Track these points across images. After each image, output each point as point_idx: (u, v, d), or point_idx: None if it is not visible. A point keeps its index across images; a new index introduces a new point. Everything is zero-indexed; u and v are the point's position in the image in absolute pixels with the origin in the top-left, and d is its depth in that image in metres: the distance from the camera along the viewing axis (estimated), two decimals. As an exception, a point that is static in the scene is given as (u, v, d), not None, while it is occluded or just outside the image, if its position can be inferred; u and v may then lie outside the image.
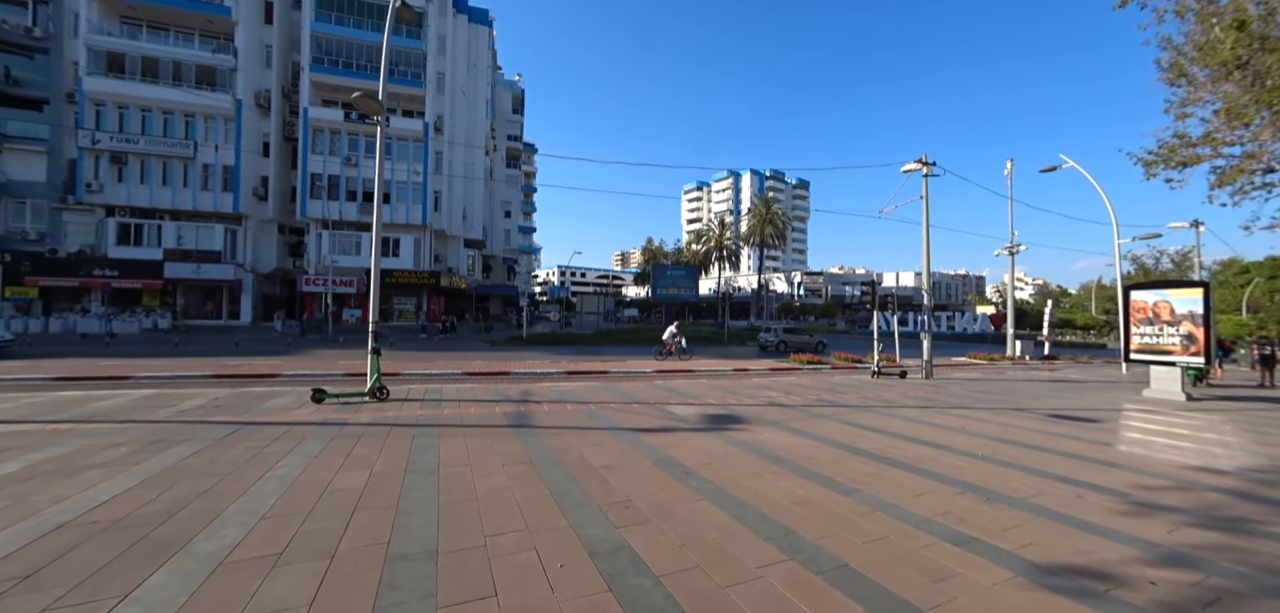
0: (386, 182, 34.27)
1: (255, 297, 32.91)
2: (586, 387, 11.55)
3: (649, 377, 14.63)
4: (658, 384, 12.25)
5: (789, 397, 10.73)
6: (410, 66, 34.72)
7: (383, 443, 5.98)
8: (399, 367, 14.63)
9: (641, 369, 15.83)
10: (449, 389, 10.50)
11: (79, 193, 29.69)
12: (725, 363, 18.68)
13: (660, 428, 7.26)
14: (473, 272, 43.35)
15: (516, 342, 27.01)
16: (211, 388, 10.20)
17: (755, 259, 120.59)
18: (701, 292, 52.29)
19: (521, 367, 15.60)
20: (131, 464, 4.93)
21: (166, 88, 30.40)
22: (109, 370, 12.60)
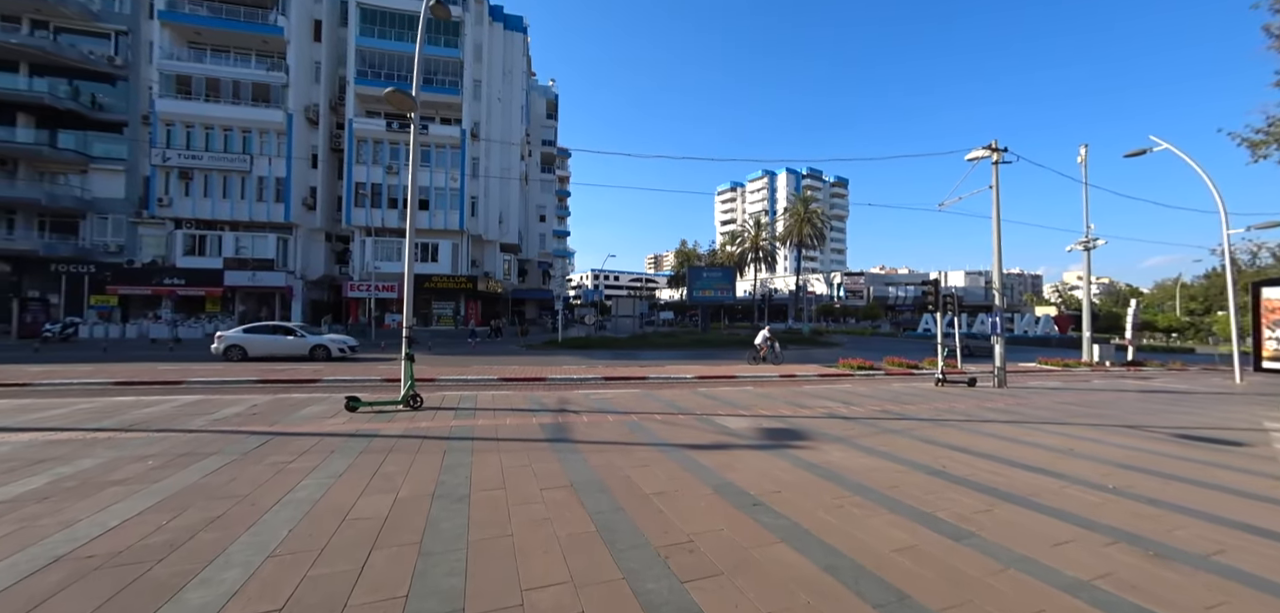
0: (425, 188, 35.05)
1: (305, 303, 34.28)
2: (626, 395, 10.89)
3: (690, 384, 13.83)
4: (702, 393, 11.44)
5: (849, 407, 9.69)
6: (448, 75, 35.39)
7: (412, 460, 5.50)
8: (436, 372, 14.47)
9: (681, 375, 15.05)
10: (484, 397, 10.08)
11: (152, 207, 31.81)
12: (769, 369, 17.62)
13: (713, 444, 6.48)
14: (509, 276, 43.80)
15: (552, 346, 26.76)
16: (253, 394, 10.20)
17: (792, 260, 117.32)
18: (737, 294, 50.87)
19: (558, 372, 15.13)
20: (152, 482, 4.61)
21: (227, 106, 32.17)
22: (166, 375, 12.98)
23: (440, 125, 35.32)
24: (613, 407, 9.20)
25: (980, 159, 14.31)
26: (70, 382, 11.76)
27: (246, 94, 32.79)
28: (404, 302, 9.08)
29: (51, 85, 31.41)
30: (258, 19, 32.84)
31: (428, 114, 35.89)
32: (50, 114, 31.66)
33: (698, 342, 30.71)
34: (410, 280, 9.16)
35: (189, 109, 31.47)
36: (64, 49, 31.34)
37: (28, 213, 31.87)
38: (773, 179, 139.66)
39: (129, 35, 33.08)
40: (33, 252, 30.69)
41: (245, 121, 32.25)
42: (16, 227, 31.62)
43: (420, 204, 34.84)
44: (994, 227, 13.91)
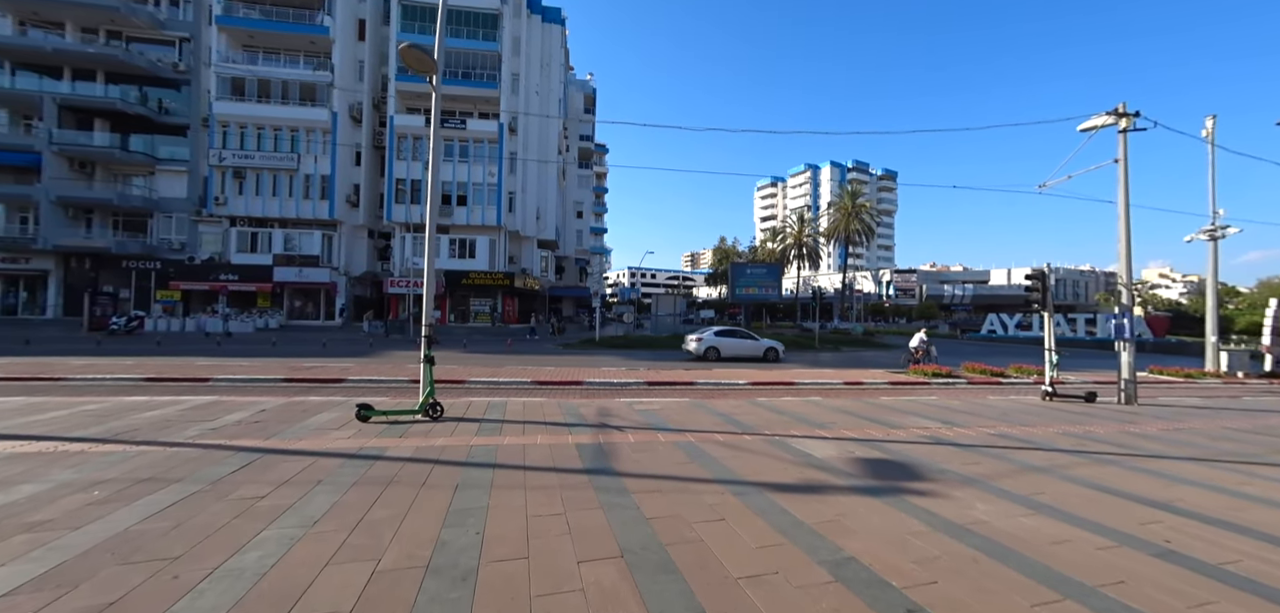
0: (463, 184, 34.81)
1: (348, 298, 34.84)
2: (674, 405, 9.40)
3: (745, 392, 12.18)
4: (762, 403, 9.80)
5: (952, 429, 7.80)
6: (485, 69, 35.00)
7: (413, 499, 4.24)
8: (467, 373, 13.49)
9: (733, 381, 13.40)
10: (514, 405, 8.86)
11: (210, 206, 33.11)
12: (829, 373, 15.65)
13: (802, 484, 4.89)
14: (546, 273, 43.24)
15: (589, 345, 25.64)
16: (270, 395, 9.43)
17: (836, 257, 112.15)
18: (782, 291, 48.44)
19: (596, 376, 13.83)
20: (73, 527, 3.54)
21: (276, 106, 33.02)
22: (198, 371, 12.62)
23: (478, 120, 34.98)
24: (662, 421, 7.73)
25: (1099, 129, 11.83)
26: (102, 376, 11.50)
27: (294, 94, 33.56)
28: (424, 295, 7.96)
29: (123, 92, 33.22)
30: (305, 20, 33.54)
31: (465, 109, 35.65)
32: (122, 119, 33.53)
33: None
34: (431, 275, 8.03)
35: (242, 110, 32.49)
36: (134, 57, 33.06)
37: (103, 213, 33.90)
38: (816, 173, 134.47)
39: (191, 42, 34.57)
40: (106, 249, 32.56)
41: (293, 121, 32.99)
42: (94, 226, 33.71)
43: (458, 200, 34.64)
44: (1120, 210, 11.41)
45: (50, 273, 32.85)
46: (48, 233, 31.64)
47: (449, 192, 34.58)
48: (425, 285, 7.90)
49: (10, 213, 32.61)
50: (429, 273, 7.92)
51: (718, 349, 19.52)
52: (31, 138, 32.30)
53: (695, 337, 20.32)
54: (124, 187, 33.86)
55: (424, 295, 7.87)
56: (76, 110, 32.94)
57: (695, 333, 21.11)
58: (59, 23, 33.45)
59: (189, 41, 34.68)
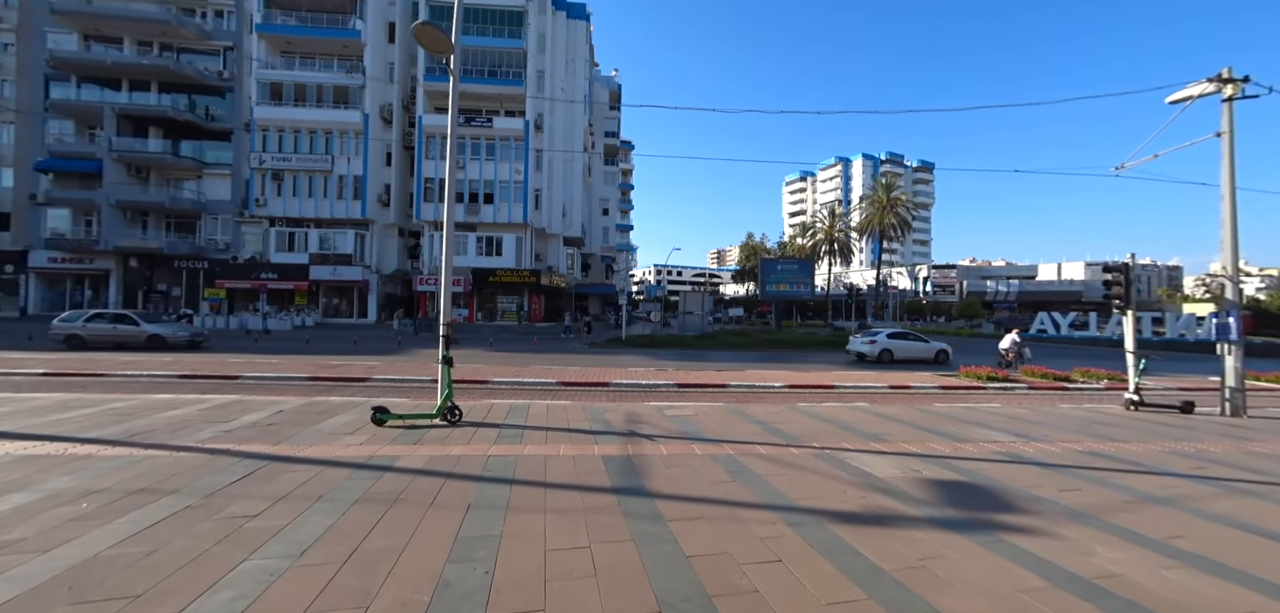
0: (490, 182, 34.90)
1: (380, 297, 35.50)
2: (708, 409, 8.70)
3: (783, 396, 11.35)
4: (803, 409, 8.97)
5: (1027, 443, 6.81)
6: (511, 66, 34.96)
7: (418, 522, 3.72)
8: (491, 372, 13.14)
9: (768, 383, 12.56)
10: (537, 409, 8.34)
11: (251, 207, 34.32)
12: (872, 375, 14.56)
13: (869, 515, 4.13)
14: (572, 270, 43.07)
15: (616, 343, 25.13)
16: (292, 394, 9.25)
17: (869, 253, 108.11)
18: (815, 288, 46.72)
19: (623, 376, 13.24)
20: (48, 548, 3.17)
21: (312, 109, 33.92)
22: (231, 368, 12.72)
23: (504, 118, 34.99)
24: (696, 429, 7.05)
25: (1193, 100, 10.36)
26: (141, 372, 11.68)
27: (328, 97, 34.38)
28: (442, 291, 7.52)
29: (174, 100, 34.82)
30: (339, 24, 34.30)
31: (491, 107, 35.73)
32: (173, 126, 35.15)
33: (773, 341, 27.73)
34: (448, 271, 7.58)
35: (280, 114, 33.49)
36: (184, 67, 34.58)
37: (156, 215, 35.65)
38: (847, 166, 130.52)
39: (234, 50, 35.91)
40: (159, 249, 34.21)
41: (327, 124, 33.80)
42: (149, 228, 35.49)
43: (485, 198, 34.76)
44: (1224, 190, 9.94)
45: (111, 272, 34.76)
46: (108, 234, 33.48)
47: (475, 190, 34.74)
48: (443, 282, 7.45)
49: (76, 217, 34.67)
50: (446, 268, 7.47)
51: (892, 351, 19.48)
52: (94, 146, 34.24)
53: (867, 338, 19.93)
54: (175, 190, 35.51)
55: (442, 293, 7.43)
56: (133, 119, 34.70)
57: (867, 335, 20.72)
58: (118, 37, 35.32)
59: (232, 50, 36.04)
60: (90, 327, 17.29)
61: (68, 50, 34.01)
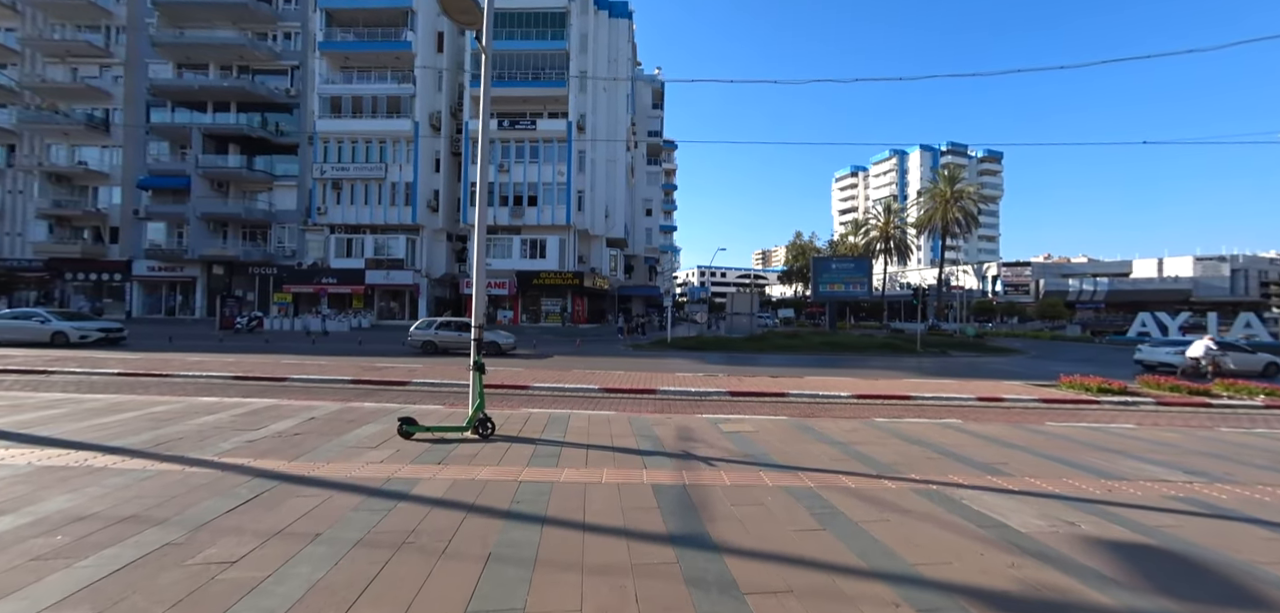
0: (533, 184, 35.01)
1: (429, 300, 36.48)
2: (770, 425, 7.57)
3: (852, 407, 9.99)
4: (882, 426, 7.63)
5: (1208, 484, 5.21)
6: (553, 68, 34.94)
7: (427, 575, 2.94)
8: (532, 377, 12.56)
9: (832, 392, 11.18)
10: (578, 420, 7.55)
11: (314, 216, 36.26)
12: (951, 384, 12.76)
13: (1030, 598, 2.93)
14: (615, 272, 42.61)
15: (661, 346, 24.22)
16: (329, 400, 9.00)
17: (928, 250, 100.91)
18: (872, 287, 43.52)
19: (670, 382, 12.27)
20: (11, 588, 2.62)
21: (367, 120, 35.42)
22: (282, 369, 12.89)
23: (547, 120, 35.01)
24: (761, 451, 5.97)
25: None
26: (199, 373, 11.99)
27: (382, 108, 35.77)
28: (474, 291, 6.87)
29: (249, 119, 37.46)
30: (392, 37, 35.65)
31: (535, 109, 35.86)
32: (248, 142, 37.84)
33: (829, 344, 25.85)
34: (479, 273, 6.92)
35: (339, 126, 35.18)
36: (257, 88, 37.17)
37: (234, 226, 38.48)
38: (902, 159, 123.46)
39: (300, 68, 38.18)
40: (236, 257, 36.87)
41: (381, 133, 35.15)
42: (228, 237, 38.37)
43: (528, 200, 34.91)
44: None
45: (197, 279, 37.87)
46: (194, 244, 36.46)
47: (520, 192, 34.96)
48: (475, 282, 6.80)
49: (170, 229, 38.04)
50: (478, 267, 6.82)
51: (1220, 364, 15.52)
52: (184, 163, 37.43)
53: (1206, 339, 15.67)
54: (250, 201, 38.18)
55: (474, 293, 6.78)
56: (215, 137, 37.65)
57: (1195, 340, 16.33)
58: (205, 64, 38.47)
59: (298, 68, 38.32)
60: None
61: (164, 78, 37.37)
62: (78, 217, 37.37)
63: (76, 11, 37.28)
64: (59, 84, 37.10)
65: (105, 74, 37.93)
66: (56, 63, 37.68)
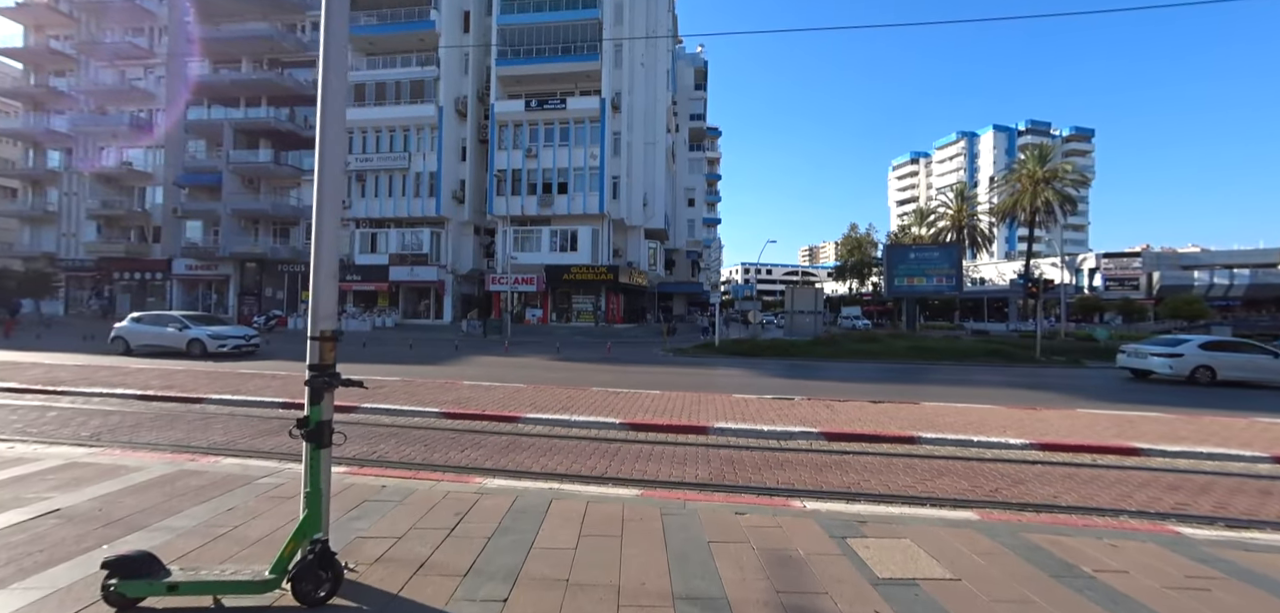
0: (563, 170, 31.82)
1: (455, 297, 34.18)
2: (962, 546, 3.51)
3: (1051, 472, 5.67)
4: (1204, 546, 3.38)
5: None
6: (585, 41, 31.56)
7: None
8: (533, 398, 8.99)
9: (990, 436, 6.85)
10: (561, 520, 3.84)
11: (339, 211, 34.81)
12: (1180, 423, 8.00)
13: None
14: (654, 266, 38.78)
15: (707, 351, 20.23)
16: (163, 457, 5.75)
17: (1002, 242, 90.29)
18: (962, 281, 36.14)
19: (724, 410, 8.29)
20: None
21: (389, 107, 33.53)
22: (217, 385, 10.07)
23: (578, 98, 31.70)
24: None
25: None
26: (106, 391, 9.29)
27: (405, 93, 33.77)
28: (311, 282, 3.24)
29: (277, 113, 36.65)
30: (415, 17, 33.58)
31: (566, 88, 32.65)
32: (278, 136, 37.06)
33: (915, 350, 20.82)
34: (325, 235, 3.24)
35: (362, 115, 33.47)
36: (287, 81, 36.27)
37: (265, 223, 37.90)
38: (972, 142, 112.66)
39: (328, 59, 36.93)
40: (264, 254, 36.12)
41: (404, 120, 33.14)
42: (260, 235, 37.81)
43: (558, 188, 31.76)
44: None
45: (230, 277, 37.55)
46: (227, 241, 36.02)
47: (548, 179, 31.88)
48: (312, 265, 3.15)
49: (206, 227, 37.96)
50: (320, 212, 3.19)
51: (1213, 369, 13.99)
52: (217, 160, 37.16)
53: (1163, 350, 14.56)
54: (279, 198, 37.43)
55: (311, 277, 3.13)
56: (246, 132, 37.14)
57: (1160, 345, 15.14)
58: (237, 59, 38.11)
59: (327, 59, 37.06)
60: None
61: (201, 75, 37.20)
62: (124, 217, 38.00)
63: (124, 15, 37.85)
64: (109, 87, 37.83)
65: (149, 75, 38.37)
66: (107, 66, 38.48)
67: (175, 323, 15.86)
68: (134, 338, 15.65)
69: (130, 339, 15.64)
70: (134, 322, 16.26)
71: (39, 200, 39.26)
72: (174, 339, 15.39)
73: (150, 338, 15.63)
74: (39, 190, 39.63)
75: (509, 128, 32.09)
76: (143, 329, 15.88)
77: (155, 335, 15.64)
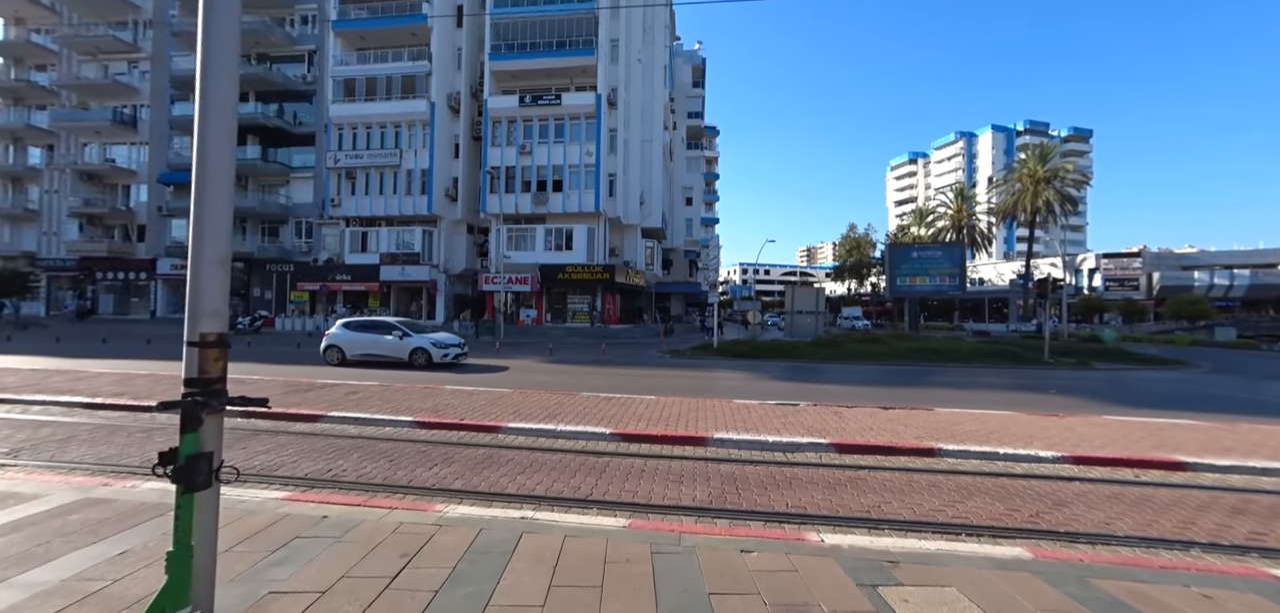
0: (557, 167, 31.10)
1: (448, 297, 33.41)
2: (995, 572, 2.83)
3: (1085, 489, 4.96)
4: None
5: None
6: (580, 34, 30.86)
7: None
8: (518, 406, 8.29)
9: (1014, 448, 6.19)
10: (532, 558, 3.13)
11: (327, 208, 33.99)
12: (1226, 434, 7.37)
13: None
14: (651, 265, 38.06)
15: (705, 353, 19.55)
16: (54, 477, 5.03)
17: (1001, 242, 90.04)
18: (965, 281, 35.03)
19: (724, 416, 7.61)
20: None
21: (381, 103, 32.73)
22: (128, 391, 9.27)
23: (574, 93, 30.99)
24: None
25: None
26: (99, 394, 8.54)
27: (397, 89, 32.99)
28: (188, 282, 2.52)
29: (265, 108, 35.75)
30: (407, 10, 32.82)
31: (561, 84, 31.95)
32: (266, 133, 36.15)
33: (919, 351, 20.20)
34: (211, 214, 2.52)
35: (353, 111, 32.69)
36: (274, 76, 35.39)
37: (253, 221, 36.99)
38: (970, 142, 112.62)
39: (316, 53, 36.17)
40: (252, 253, 35.24)
41: (396, 116, 32.37)
42: (248, 234, 36.90)
43: (553, 185, 31.03)
44: None
45: (217, 277, 36.57)
46: (213, 241, 35.06)
47: (543, 177, 31.14)
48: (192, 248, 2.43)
49: (192, 226, 36.97)
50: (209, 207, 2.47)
51: None
52: (203, 157, 36.19)
53: None
54: (267, 195, 36.56)
55: (190, 264, 2.40)
56: (233, 129, 36.20)
57: None
58: (224, 54, 37.14)
59: (315, 53, 36.30)
60: None
61: (187, 70, 36.28)
62: (107, 215, 37.04)
63: (107, 7, 36.91)
64: (92, 82, 36.87)
65: (133, 70, 37.44)
66: (89, 59, 37.54)
67: (395, 330, 14.44)
68: (350, 347, 14.35)
69: (346, 348, 14.32)
70: (346, 328, 14.87)
71: (19, 198, 38.25)
72: (394, 348, 14.06)
73: (367, 347, 14.30)
74: (19, 188, 38.61)
75: (502, 124, 31.35)
76: (359, 337, 14.54)
77: (372, 344, 14.32)
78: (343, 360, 14.19)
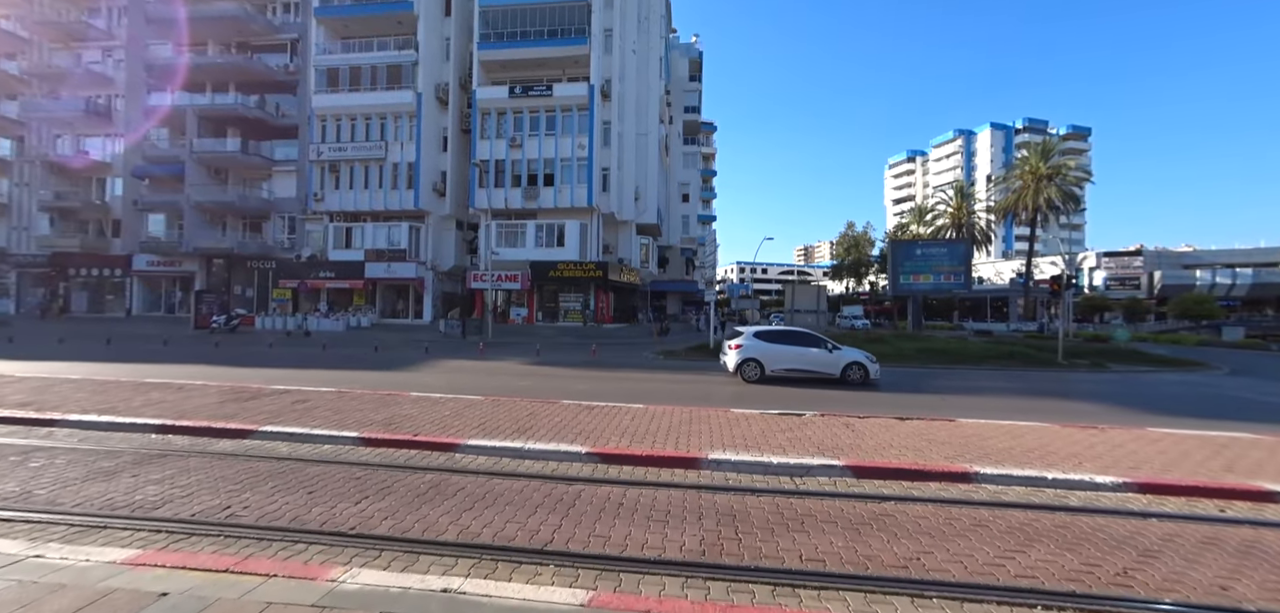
0: (549, 160, 29.99)
1: (436, 294, 32.27)
2: None
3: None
4: None
5: None
6: (573, 23, 29.73)
7: None
8: (488, 416, 7.23)
9: (1101, 477, 5.18)
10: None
11: (310, 203, 32.74)
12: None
13: None
14: (646, 263, 37.03)
15: (701, 353, 18.54)
16: None
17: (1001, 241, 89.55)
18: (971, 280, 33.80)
19: (722, 436, 6.56)
20: None
21: (365, 94, 31.54)
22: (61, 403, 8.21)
23: (566, 84, 29.89)
24: None
25: None
26: None
27: (382, 79, 31.81)
28: None
29: (246, 100, 34.43)
30: (393, -2, 31.60)
31: (553, 74, 30.83)
32: (247, 124, 34.83)
33: (924, 351, 19.31)
34: None
35: (337, 102, 31.50)
36: (256, 65, 34.08)
37: (233, 216, 35.68)
38: (969, 140, 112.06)
39: (300, 42, 34.87)
40: (231, 249, 33.96)
41: (381, 107, 31.19)
42: (228, 229, 35.59)
43: (544, 179, 29.92)
44: None
45: (196, 273, 35.31)
46: (191, 236, 33.78)
47: (534, 171, 30.03)
48: None
49: (170, 221, 35.64)
50: None
51: None
52: (181, 149, 34.89)
53: None
54: (248, 189, 35.26)
55: None
56: (212, 119, 34.89)
57: None
58: (204, 42, 35.80)
59: (298, 42, 35.01)
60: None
61: (164, 58, 34.92)
62: (80, 209, 35.65)
63: (80, -8, 35.49)
64: (63, 70, 35.44)
65: (107, 59, 36.03)
66: (61, 47, 36.11)
67: (822, 343, 12.52)
68: (771, 361, 12.28)
69: (767, 362, 12.26)
70: (759, 338, 12.69)
71: (-11, 191, 36.79)
72: (824, 362, 12.17)
73: (793, 361, 12.30)
74: (-11, 181, 37.15)
75: (492, 116, 30.20)
76: (783, 350, 12.42)
77: (798, 358, 12.30)
78: (762, 377, 12.22)
